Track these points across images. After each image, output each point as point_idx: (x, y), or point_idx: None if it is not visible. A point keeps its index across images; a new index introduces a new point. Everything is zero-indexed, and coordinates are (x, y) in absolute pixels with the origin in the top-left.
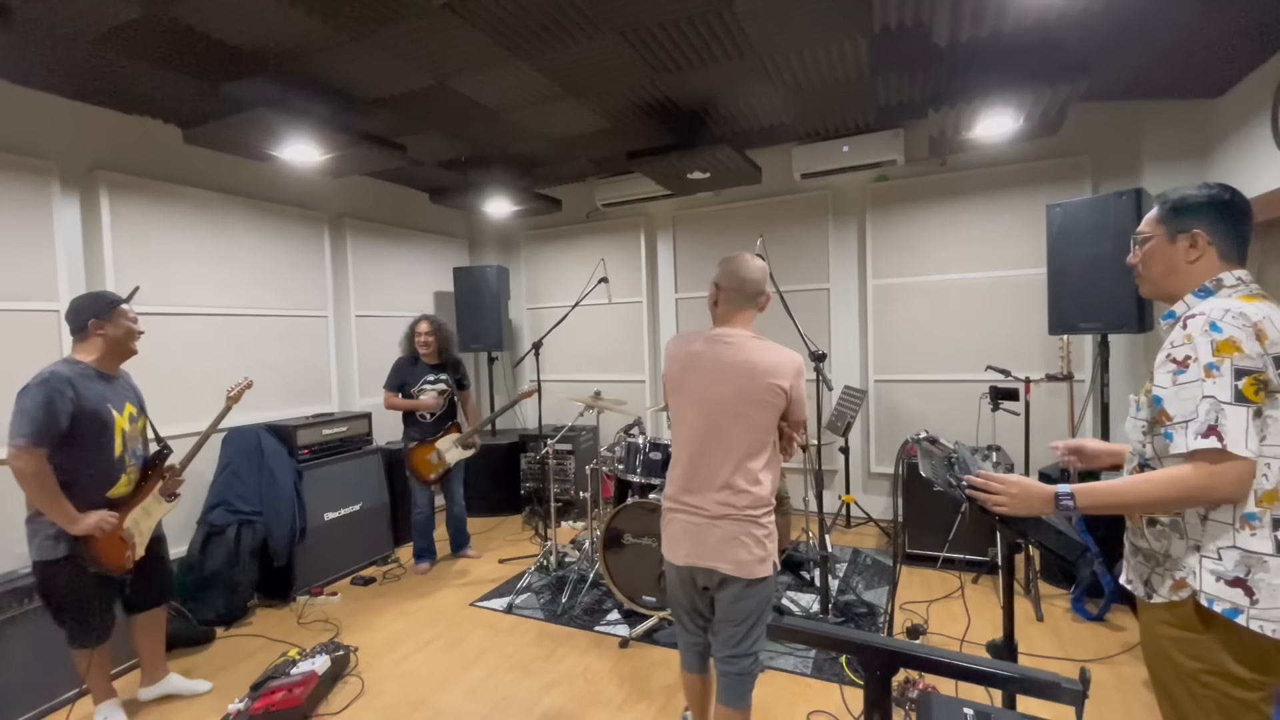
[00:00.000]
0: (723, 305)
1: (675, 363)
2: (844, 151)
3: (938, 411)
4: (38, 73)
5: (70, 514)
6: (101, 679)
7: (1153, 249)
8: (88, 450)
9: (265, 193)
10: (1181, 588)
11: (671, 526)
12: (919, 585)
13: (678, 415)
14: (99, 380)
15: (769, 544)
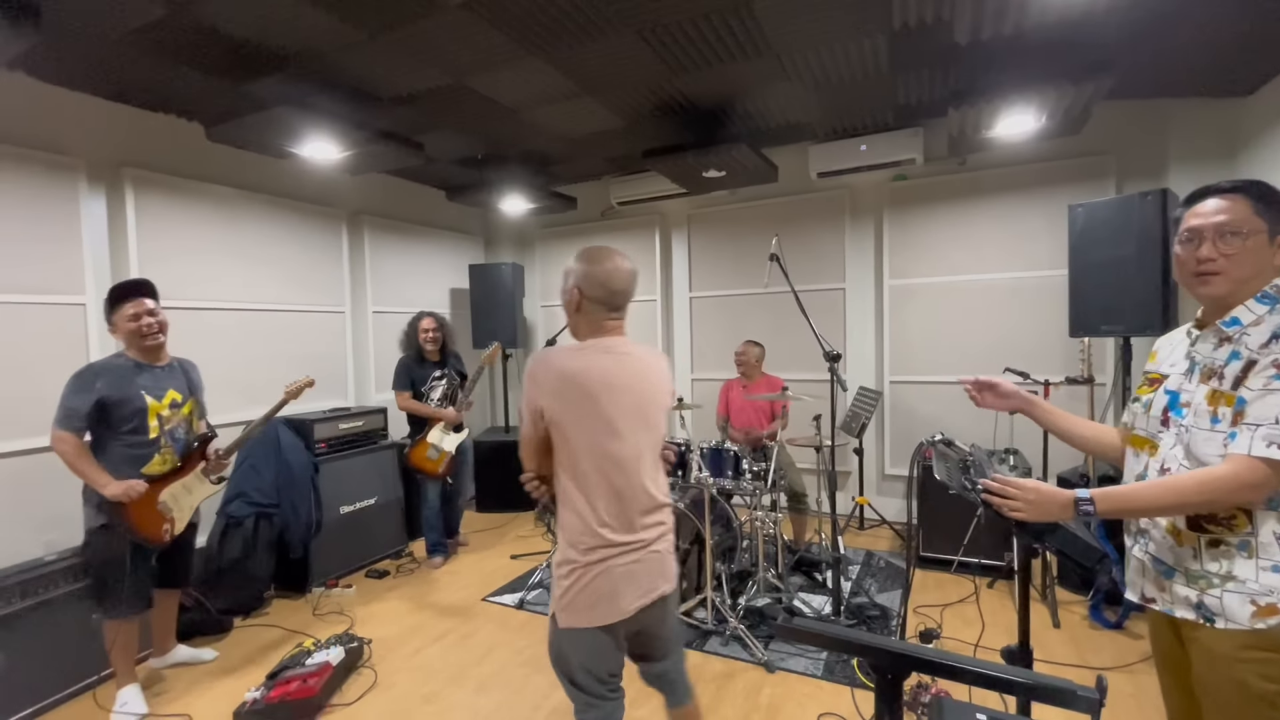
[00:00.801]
0: (590, 314)
1: (581, 387)
2: (861, 150)
3: (954, 414)
4: (66, 71)
5: (101, 480)
6: (126, 659)
7: (1251, 247)
8: (119, 431)
9: (284, 190)
10: (1272, 613)
11: (605, 578)
12: (933, 589)
13: (594, 445)
14: (136, 370)
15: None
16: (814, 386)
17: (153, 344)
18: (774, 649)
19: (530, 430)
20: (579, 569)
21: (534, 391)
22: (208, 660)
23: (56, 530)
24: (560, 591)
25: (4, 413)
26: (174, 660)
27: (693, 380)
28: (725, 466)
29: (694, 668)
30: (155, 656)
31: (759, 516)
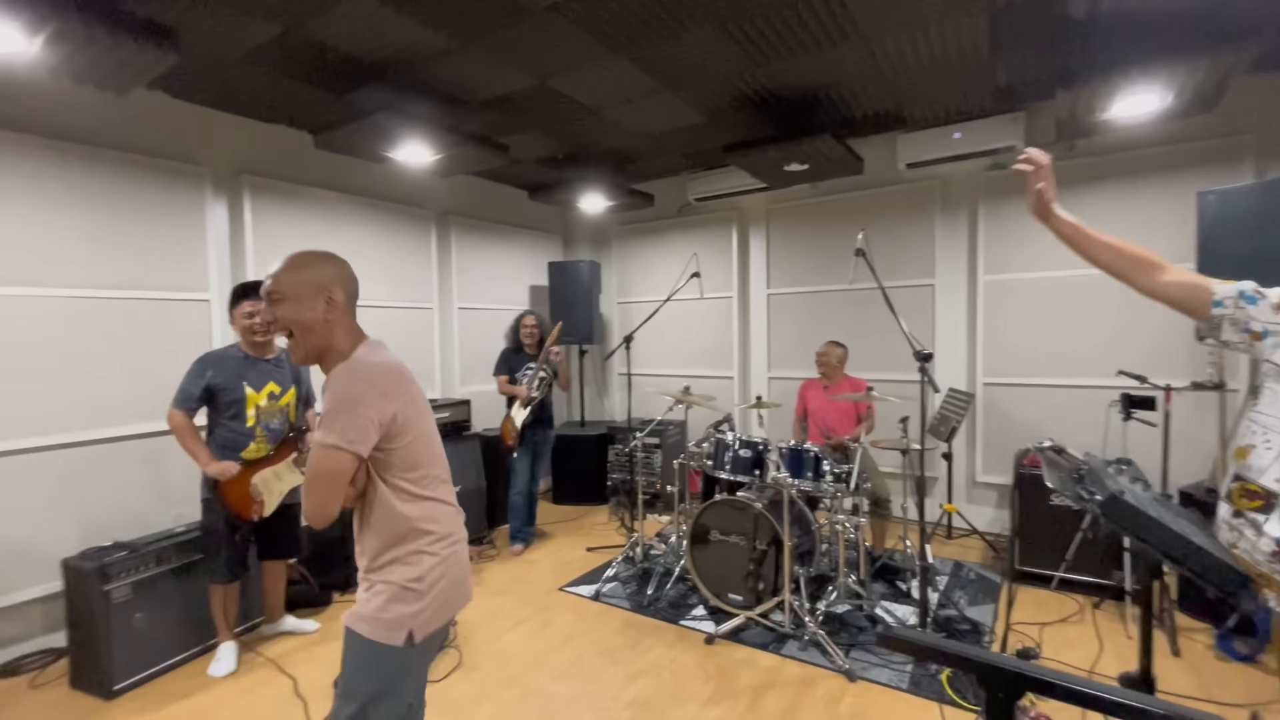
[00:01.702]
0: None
1: (403, 391)
2: (955, 139)
3: (1056, 419)
4: (195, 88)
5: (202, 458)
6: (224, 619)
7: None
8: (222, 416)
9: (380, 192)
10: None
11: (464, 561)
12: (1031, 606)
13: (427, 442)
14: (244, 362)
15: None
16: (898, 387)
17: (261, 340)
18: (855, 657)
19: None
20: (447, 561)
21: (381, 402)
22: (311, 631)
23: (184, 505)
24: (427, 601)
25: (140, 398)
26: (282, 628)
27: (769, 379)
28: (805, 468)
29: (769, 670)
30: (267, 623)
31: (840, 520)
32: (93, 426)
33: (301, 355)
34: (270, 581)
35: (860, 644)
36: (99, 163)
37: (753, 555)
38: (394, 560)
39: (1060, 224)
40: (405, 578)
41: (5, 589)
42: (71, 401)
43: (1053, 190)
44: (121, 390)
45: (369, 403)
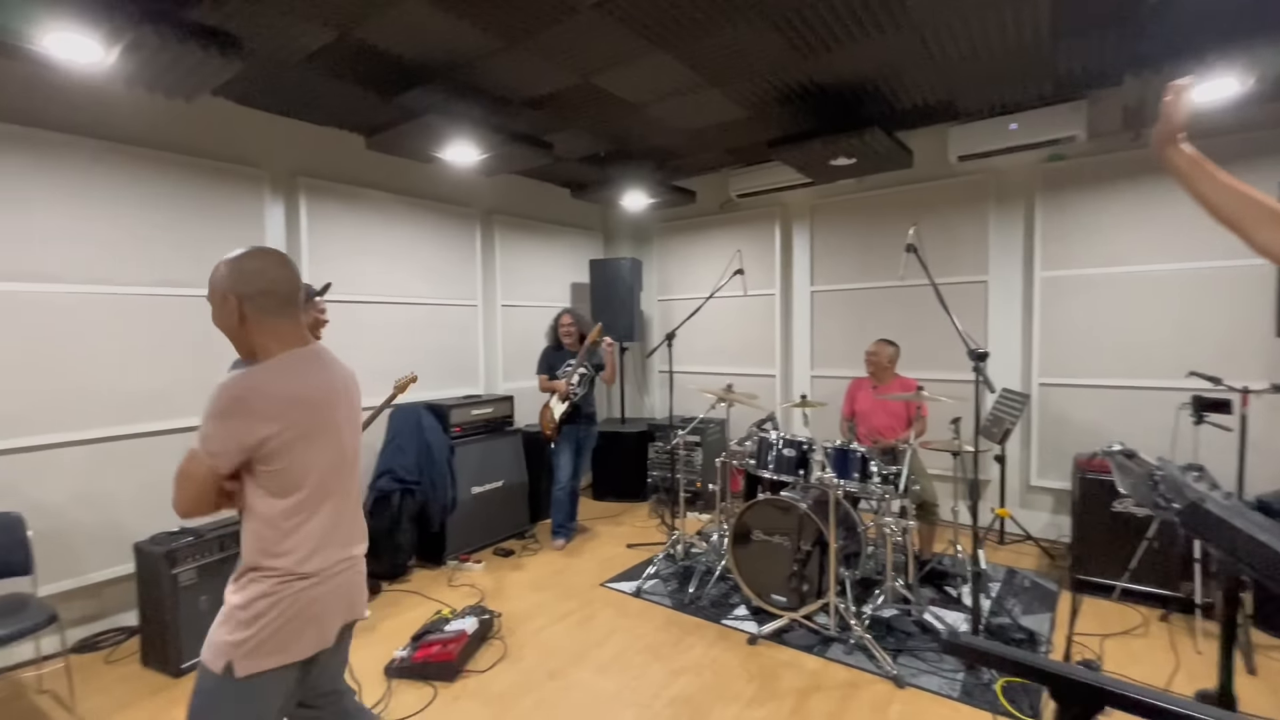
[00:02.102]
0: (259, 322)
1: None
2: (1011, 129)
3: (1118, 421)
4: (253, 93)
5: None
6: None
7: None
8: None
9: (428, 192)
10: None
11: (319, 603)
12: (1090, 616)
13: (307, 464)
14: None
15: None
16: (947, 387)
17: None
18: (903, 663)
19: (213, 466)
20: (283, 598)
21: (250, 422)
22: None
23: None
24: (251, 632)
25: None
26: None
27: (813, 377)
28: (851, 468)
29: (814, 674)
30: None
31: (887, 523)
32: (162, 418)
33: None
34: None
35: (908, 649)
36: (166, 166)
37: (797, 556)
38: (243, 578)
39: (1178, 155)
40: (235, 602)
41: (83, 569)
42: (142, 394)
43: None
44: (188, 384)
45: (237, 420)
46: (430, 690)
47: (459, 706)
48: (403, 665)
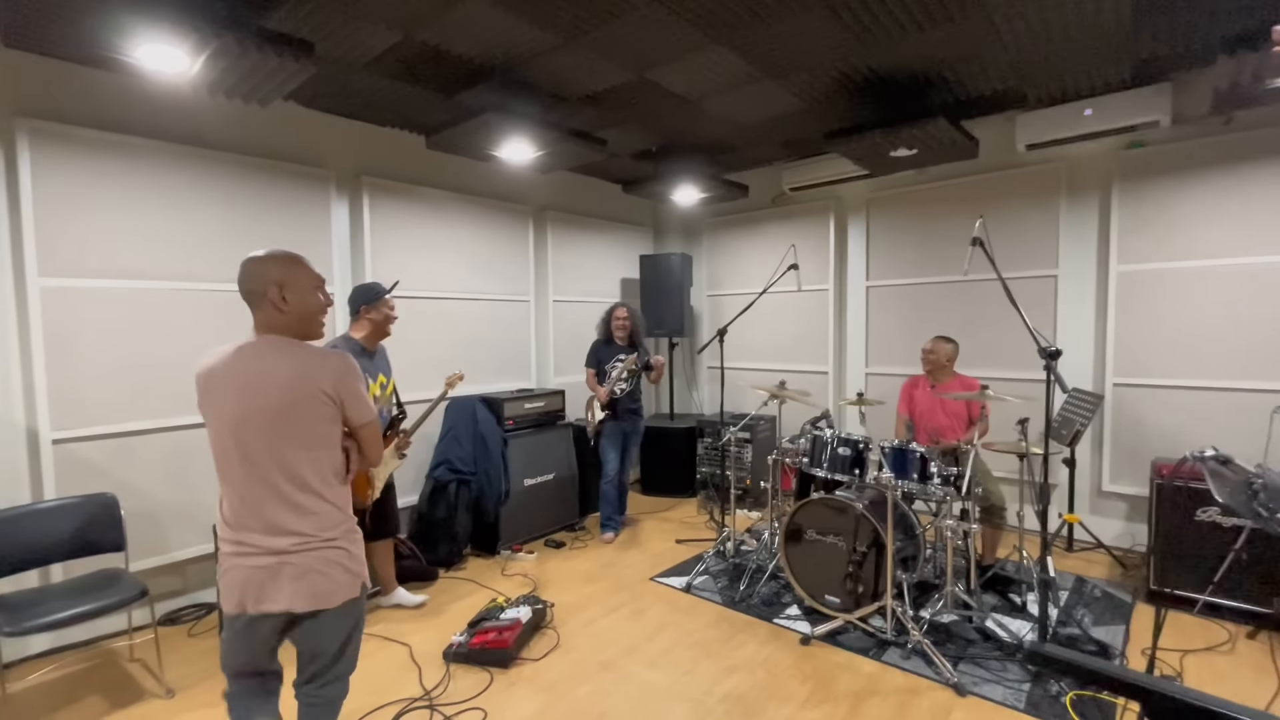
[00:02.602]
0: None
1: (204, 396)
2: (1086, 115)
3: (1200, 425)
4: (321, 96)
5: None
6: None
7: None
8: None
9: (483, 189)
10: None
11: (228, 574)
12: (1169, 630)
13: (223, 453)
14: (362, 355)
15: (350, 564)
16: (1010, 387)
17: (388, 334)
18: (964, 670)
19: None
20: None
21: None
22: (418, 604)
23: None
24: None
25: None
26: (395, 601)
27: (868, 375)
28: (911, 469)
29: (870, 677)
30: (382, 596)
31: (949, 526)
32: None
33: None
34: (379, 559)
35: (969, 657)
36: (242, 169)
37: (852, 557)
38: None
39: None
40: None
41: (169, 548)
42: None
43: None
44: None
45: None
46: (487, 676)
47: (514, 693)
48: (460, 650)
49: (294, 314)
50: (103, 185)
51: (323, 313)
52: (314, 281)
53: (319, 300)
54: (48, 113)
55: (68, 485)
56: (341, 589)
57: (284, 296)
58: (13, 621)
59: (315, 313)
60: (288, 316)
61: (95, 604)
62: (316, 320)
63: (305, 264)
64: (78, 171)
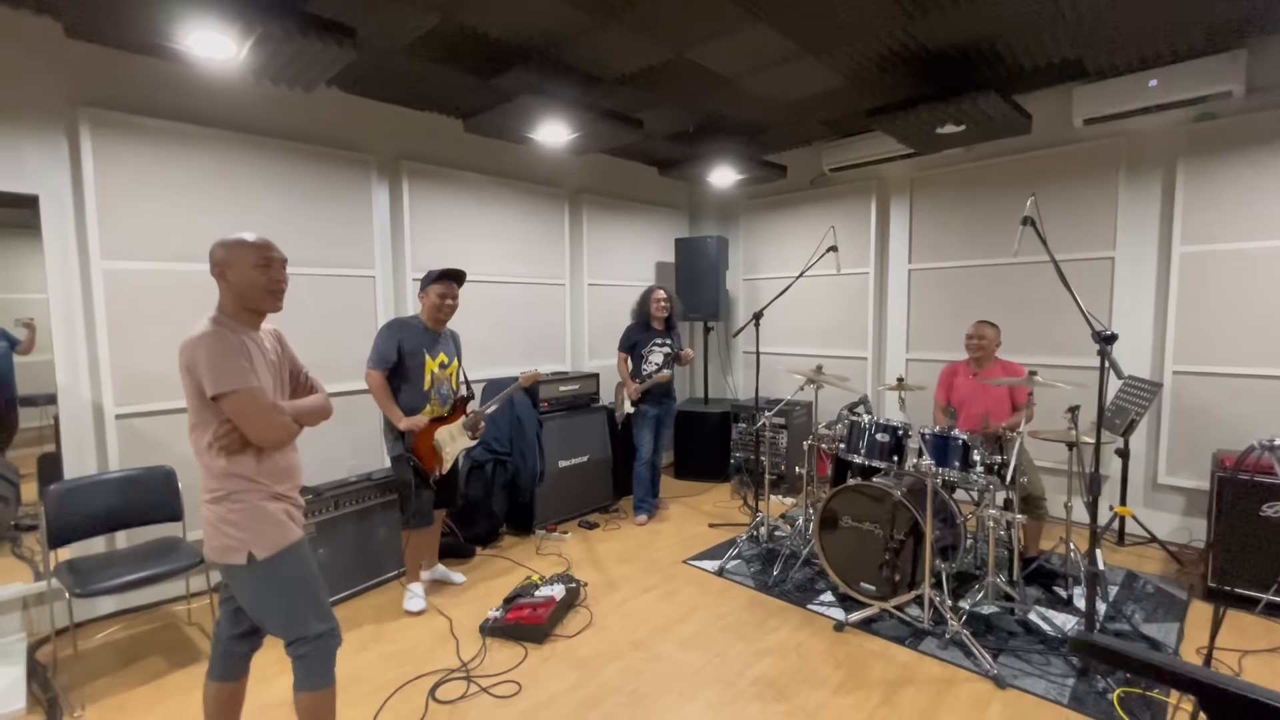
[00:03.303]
0: None
1: None
2: (1151, 87)
3: (1269, 415)
4: (361, 81)
5: (396, 414)
6: (413, 561)
7: None
8: (406, 379)
9: (519, 173)
10: None
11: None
12: (1228, 629)
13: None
14: (424, 332)
15: (236, 532)
16: (1059, 373)
17: (444, 319)
18: (1004, 663)
19: None
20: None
21: None
22: (458, 581)
23: (356, 458)
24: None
25: (325, 361)
26: (435, 576)
27: (908, 360)
28: (952, 456)
29: (905, 666)
30: (425, 568)
31: (991, 515)
32: None
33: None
34: (433, 530)
35: (1010, 649)
36: (288, 154)
37: (889, 545)
38: None
39: None
40: None
41: None
42: None
43: None
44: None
45: None
46: (521, 650)
47: (548, 667)
48: (496, 625)
49: (234, 289)
50: (159, 171)
51: (265, 287)
52: (255, 258)
53: (259, 276)
54: (108, 101)
55: (130, 458)
56: (221, 550)
57: (224, 274)
58: (82, 584)
59: (252, 287)
60: (229, 294)
61: (155, 569)
62: (255, 294)
63: (252, 243)
64: (136, 158)
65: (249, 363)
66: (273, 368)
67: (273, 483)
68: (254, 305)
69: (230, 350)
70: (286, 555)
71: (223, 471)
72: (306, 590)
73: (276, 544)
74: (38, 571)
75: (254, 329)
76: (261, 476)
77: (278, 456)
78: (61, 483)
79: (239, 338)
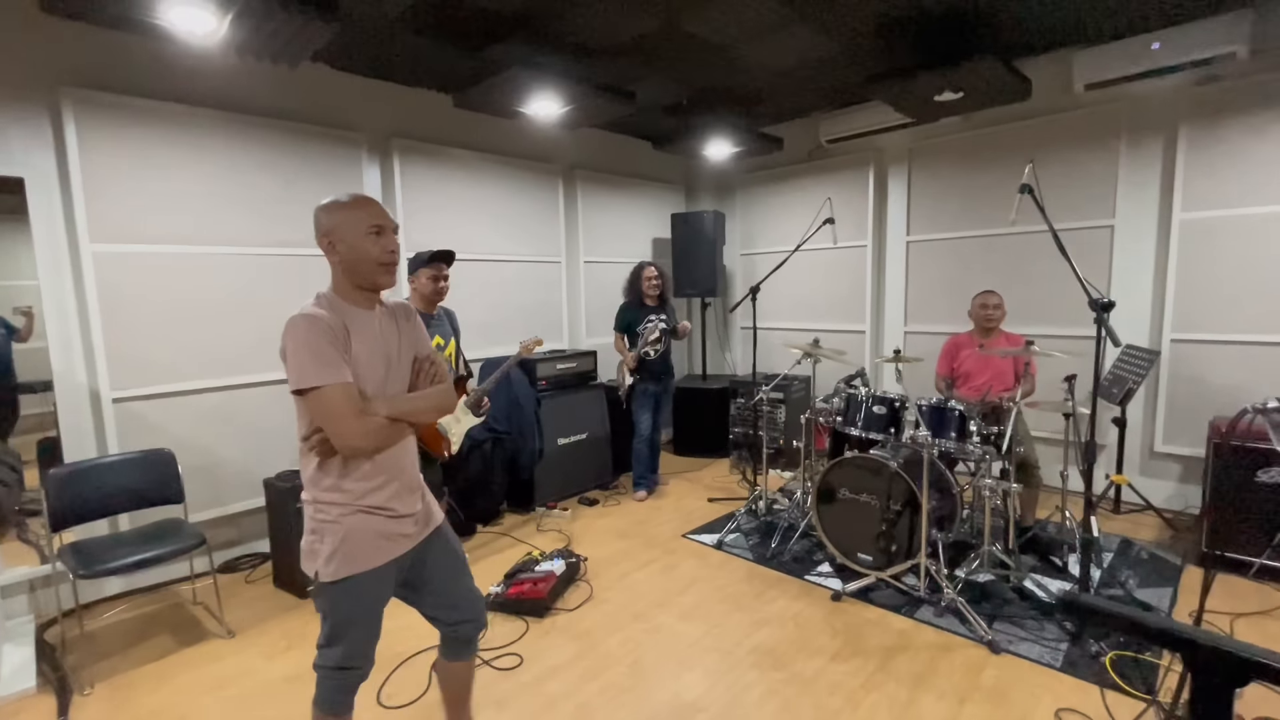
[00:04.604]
0: None
1: None
2: (1154, 50)
3: (1266, 383)
4: (349, 58)
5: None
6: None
7: None
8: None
9: (512, 149)
10: None
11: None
12: (1222, 594)
13: None
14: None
15: (314, 543)
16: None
17: (438, 301)
18: (999, 629)
19: None
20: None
21: None
22: None
23: None
24: None
25: None
26: None
27: (906, 333)
28: (948, 427)
29: (902, 633)
30: None
31: (987, 485)
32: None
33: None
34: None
35: (1005, 615)
36: (277, 133)
37: (886, 516)
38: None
39: None
40: None
41: (224, 501)
42: (269, 344)
43: None
44: None
45: None
46: (523, 624)
47: (549, 640)
48: (497, 599)
49: (344, 262)
50: (146, 152)
51: (378, 259)
52: (367, 225)
53: (371, 245)
54: (89, 80)
55: (129, 441)
56: (303, 553)
57: (332, 245)
58: (85, 565)
59: (363, 259)
60: (338, 266)
61: (158, 550)
62: (366, 267)
63: (362, 206)
64: (122, 139)
65: (345, 353)
66: (386, 357)
67: (362, 494)
68: (365, 281)
69: (320, 338)
70: (348, 585)
71: (313, 475)
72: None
73: (344, 570)
74: (43, 555)
75: (367, 308)
76: (349, 486)
77: (378, 460)
78: (61, 467)
79: (339, 321)
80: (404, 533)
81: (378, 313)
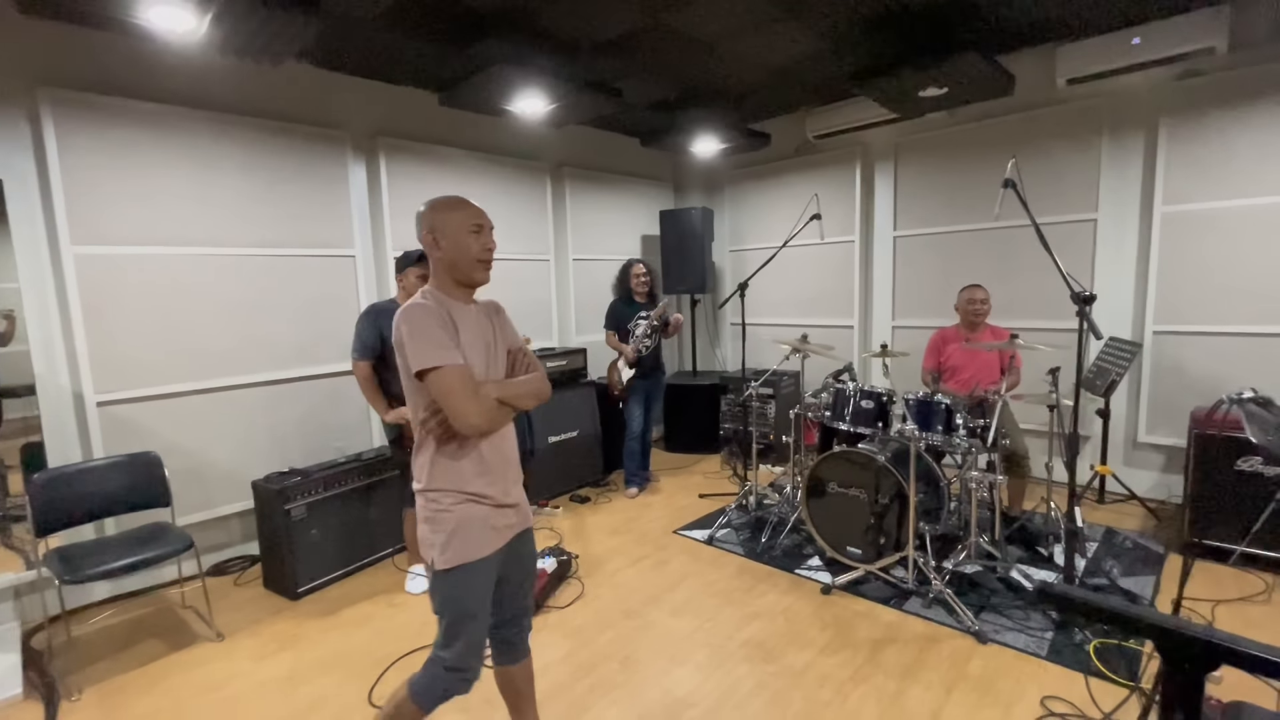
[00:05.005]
0: None
1: None
2: (1134, 45)
3: (1246, 374)
4: (333, 55)
5: (379, 406)
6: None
7: None
8: (390, 367)
9: (499, 147)
10: None
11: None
12: (1203, 581)
13: None
14: None
15: (429, 532)
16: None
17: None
18: (986, 619)
19: None
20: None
21: None
22: None
23: (344, 439)
24: None
25: (296, 347)
26: None
27: (894, 328)
28: (935, 420)
29: (890, 625)
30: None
31: (974, 477)
32: (270, 369)
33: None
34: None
35: (992, 606)
36: (261, 133)
37: (874, 509)
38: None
39: None
40: None
41: (213, 504)
42: (254, 346)
43: None
44: (290, 338)
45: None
46: None
47: (541, 638)
48: None
49: (446, 258)
50: (127, 153)
51: (477, 256)
52: (468, 223)
53: (472, 243)
54: (69, 81)
55: (115, 445)
56: (421, 543)
57: (436, 241)
58: (71, 570)
59: (464, 255)
60: (440, 262)
61: (144, 555)
62: (466, 263)
63: (464, 206)
64: (102, 140)
65: (455, 339)
66: (486, 347)
67: (471, 480)
68: (463, 276)
69: (435, 324)
70: (461, 573)
71: (428, 460)
72: (460, 619)
73: (457, 558)
74: (28, 560)
75: (465, 302)
76: (462, 472)
77: (484, 449)
78: (45, 472)
79: (445, 311)
80: (508, 523)
81: (474, 308)
